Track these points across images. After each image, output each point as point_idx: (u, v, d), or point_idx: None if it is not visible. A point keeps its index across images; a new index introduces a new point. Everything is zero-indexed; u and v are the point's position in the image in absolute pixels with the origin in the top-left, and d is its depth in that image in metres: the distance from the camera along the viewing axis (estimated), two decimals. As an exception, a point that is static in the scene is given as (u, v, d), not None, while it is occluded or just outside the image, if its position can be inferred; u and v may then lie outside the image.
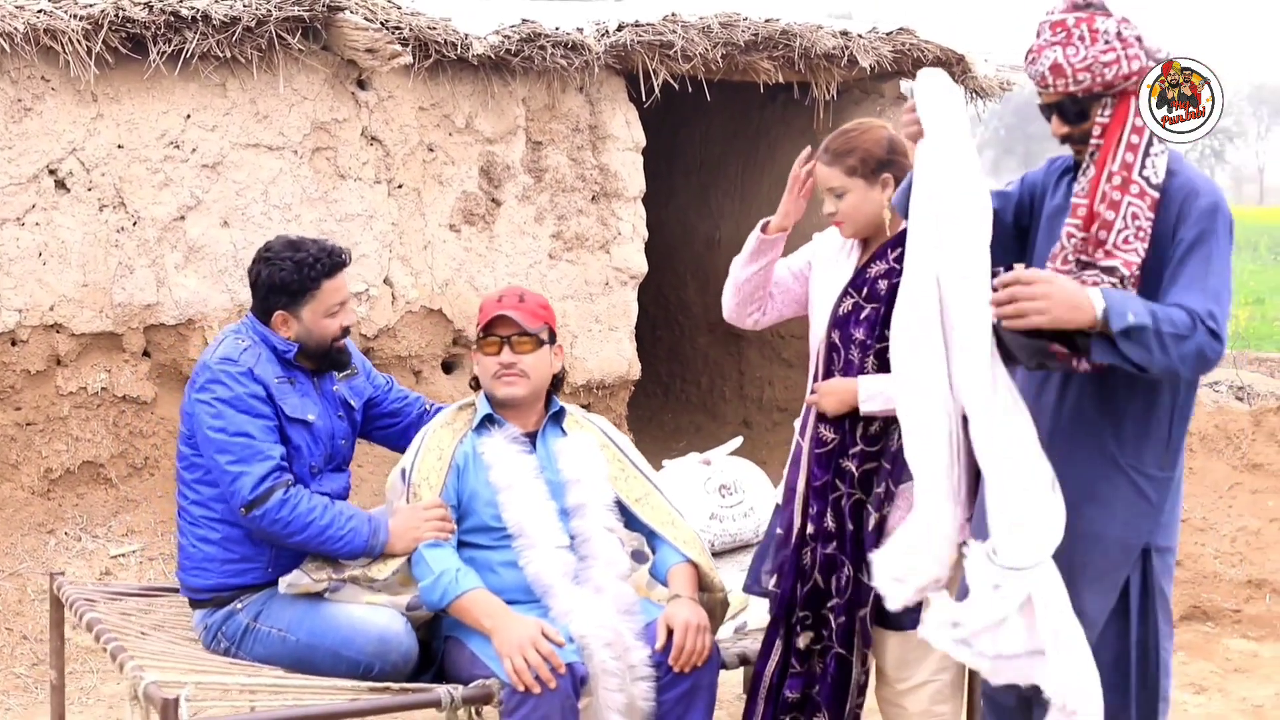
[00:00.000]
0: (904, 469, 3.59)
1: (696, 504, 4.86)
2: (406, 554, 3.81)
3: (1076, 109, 3.19)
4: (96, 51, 5.66)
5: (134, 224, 5.93)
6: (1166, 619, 3.29)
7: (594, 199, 7.08)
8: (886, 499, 3.62)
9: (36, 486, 5.86)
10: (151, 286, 5.96)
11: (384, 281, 6.49)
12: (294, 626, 3.81)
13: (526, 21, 6.64)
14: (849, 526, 3.67)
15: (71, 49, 5.61)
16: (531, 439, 3.95)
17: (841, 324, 3.70)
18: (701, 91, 7.16)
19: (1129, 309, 2.99)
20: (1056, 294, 3.02)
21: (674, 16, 6.98)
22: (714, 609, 3.93)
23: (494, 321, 3.90)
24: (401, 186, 6.53)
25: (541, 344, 3.92)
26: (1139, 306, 3.00)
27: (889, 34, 7.57)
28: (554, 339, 3.99)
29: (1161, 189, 3.13)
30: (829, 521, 3.69)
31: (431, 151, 6.61)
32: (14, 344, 5.74)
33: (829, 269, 3.83)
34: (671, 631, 3.65)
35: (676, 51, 6.88)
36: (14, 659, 5.35)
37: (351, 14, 6.12)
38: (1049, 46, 3.17)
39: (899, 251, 3.52)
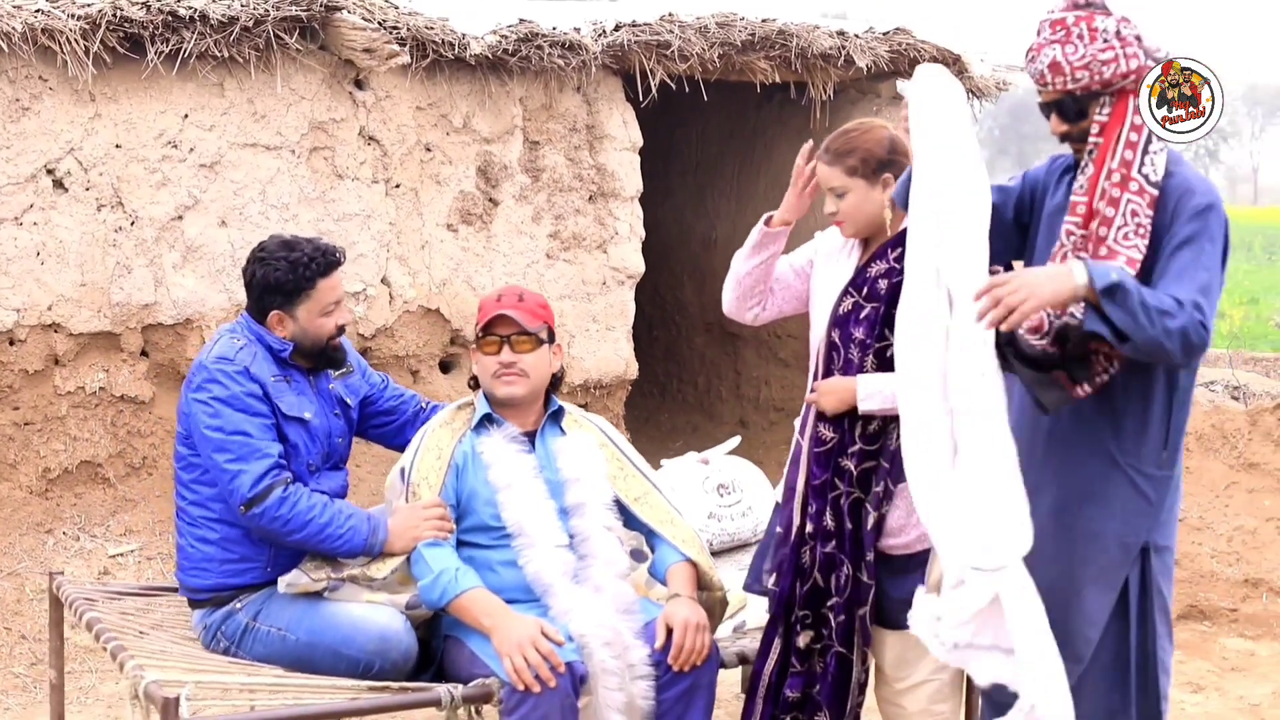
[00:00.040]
0: (903, 468, 3.60)
1: (695, 503, 4.87)
2: (405, 553, 3.81)
3: (1075, 107, 3.20)
4: (94, 51, 5.66)
5: (132, 224, 5.93)
6: (1165, 619, 3.29)
7: (591, 199, 7.08)
8: (885, 498, 3.63)
9: (35, 486, 5.86)
10: (149, 286, 5.96)
11: (381, 281, 6.49)
12: (293, 625, 3.81)
13: (524, 21, 6.64)
14: (848, 525, 3.67)
15: (69, 49, 5.61)
16: (530, 438, 3.95)
17: (841, 323, 3.70)
18: (698, 91, 7.16)
19: (1110, 269, 3.00)
20: (1033, 277, 3.04)
21: (671, 16, 6.99)
22: (713, 608, 3.93)
23: (493, 321, 3.90)
24: (399, 186, 6.53)
25: (541, 343, 3.92)
26: (1122, 273, 3.01)
27: (885, 34, 7.58)
28: (553, 338, 4.00)
29: (1160, 187, 3.14)
30: (828, 520, 3.70)
31: (429, 151, 6.61)
32: (12, 344, 5.74)
33: (830, 268, 3.83)
34: (671, 630, 3.65)
35: (673, 51, 6.89)
36: (13, 658, 5.34)
37: (349, 14, 6.12)
38: (1048, 45, 3.18)
39: (899, 251, 3.53)
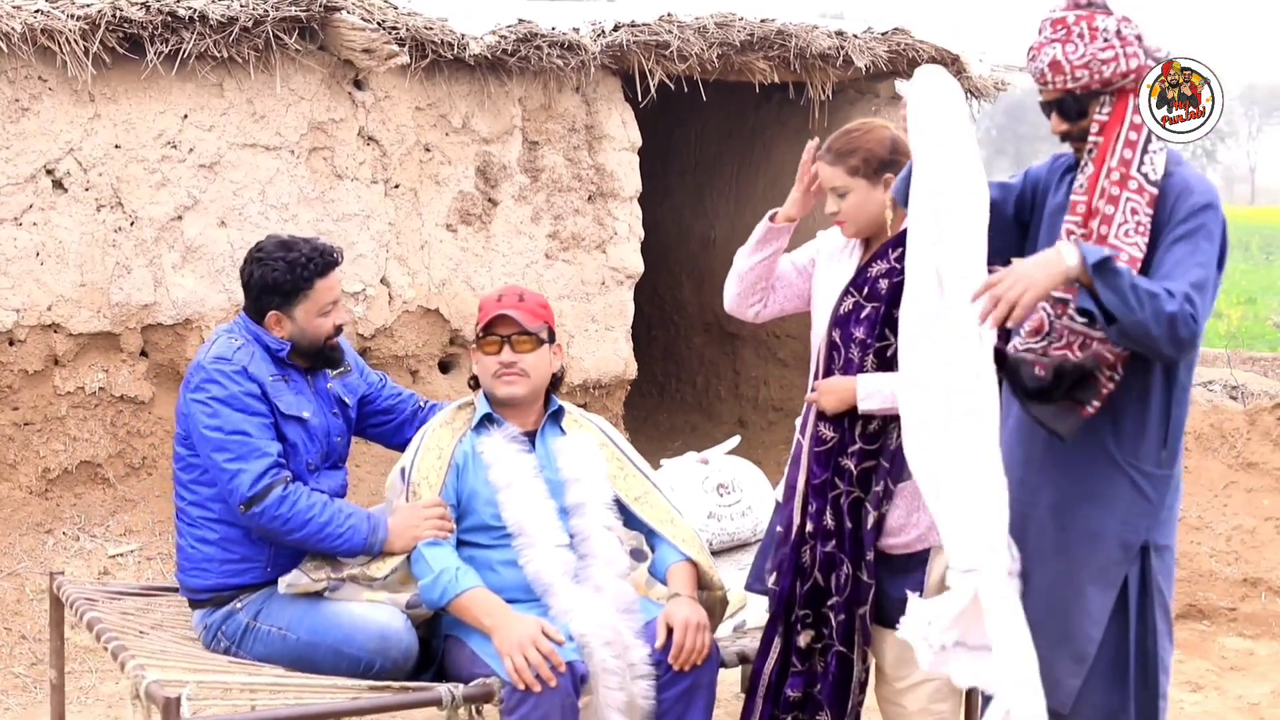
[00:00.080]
0: (902, 467, 3.61)
1: (694, 503, 4.87)
2: (405, 552, 3.81)
3: (1075, 106, 3.21)
4: (94, 52, 5.65)
5: (131, 224, 5.93)
6: (1165, 618, 3.29)
7: (590, 199, 7.08)
8: (885, 497, 3.63)
9: (34, 486, 5.86)
10: (149, 286, 5.96)
11: (381, 281, 6.49)
12: (294, 625, 3.81)
13: (523, 21, 6.65)
14: (848, 524, 3.68)
15: (69, 49, 5.61)
16: (531, 438, 3.96)
17: (842, 323, 3.71)
18: (697, 91, 7.16)
19: (1104, 250, 3.01)
20: (1026, 269, 3.04)
21: (670, 16, 6.99)
22: (713, 607, 3.93)
23: (494, 321, 3.91)
24: (398, 186, 6.53)
25: (541, 343, 3.93)
26: (1116, 257, 3.02)
27: (884, 34, 7.58)
28: (553, 338, 4.00)
29: (1159, 186, 3.14)
30: (828, 519, 3.70)
31: (428, 151, 6.61)
32: (11, 344, 5.73)
33: (831, 268, 3.83)
34: (671, 630, 3.65)
35: (672, 51, 6.89)
36: (13, 658, 5.34)
37: (348, 14, 6.12)
38: (1049, 43, 3.18)
39: (900, 251, 3.53)
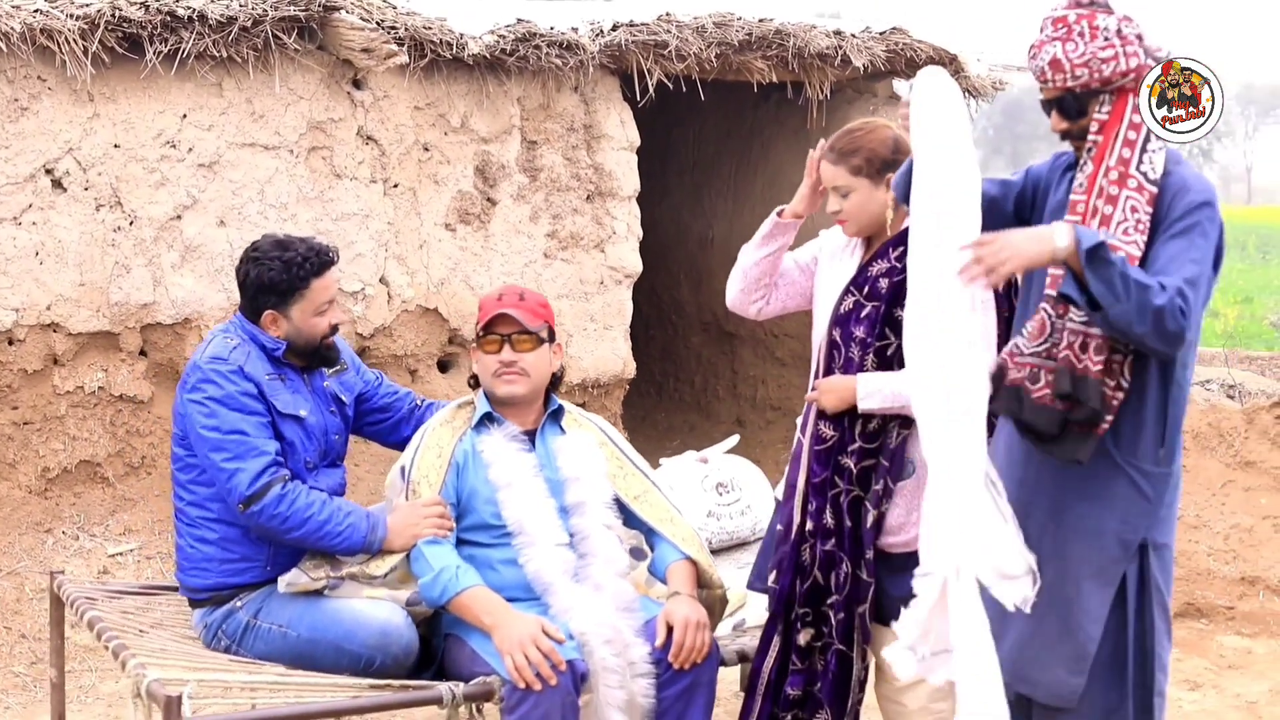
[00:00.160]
0: (902, 466, 3.63)
1: (694, 502, 4.88)
2: (405, 550, 3.82)
3: (1075, 105, 3.21)
4: (93, 51, 5.65)
5: (130, 223, 5.93)
6: (1164, 616, 3.29)
7: (589, 198, 7.08)
8: (885, 496, 3.64)
9: (34, 486, 5.86)
10: (148, 286, 5.96)
11: (380, 281, 6.49)
12: (294, 622, 3.81)
13: (521, 21, 6.65)
14: (847, 523, 3.68)
15: (68, 49, 5.61)
16: (530, 437, 3.96)
17: (842, 322, 3.71)
18: (695, 91, 7.16)
19: (1100, 235, 3.02)
20: (1015, 238, 3.06)
21: (668, 16, 6.99)
22: (713, 606, 3.94)
23: (494, 320, 3.91)
24: (397, 186, 6.54)
25: (541, 342, 3.93)
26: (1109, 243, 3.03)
27: (882, 34, 7.58)
28: (553, 337, 4.01)
29: (1159, 185, 3.15)
30: (828, 518, 3.71)
31: (427, 151, 6.62)
32: (11, 343, 5.73)
33: (833, 267, 3.84)
34: (671, 628, 3.66)
35: (671, 51, 6.89)
36: (13, 658, 5.34)
37: (347, 14, 6.13)
38: (1049, 42, 3.19)
39: (901, 250, 3.54)
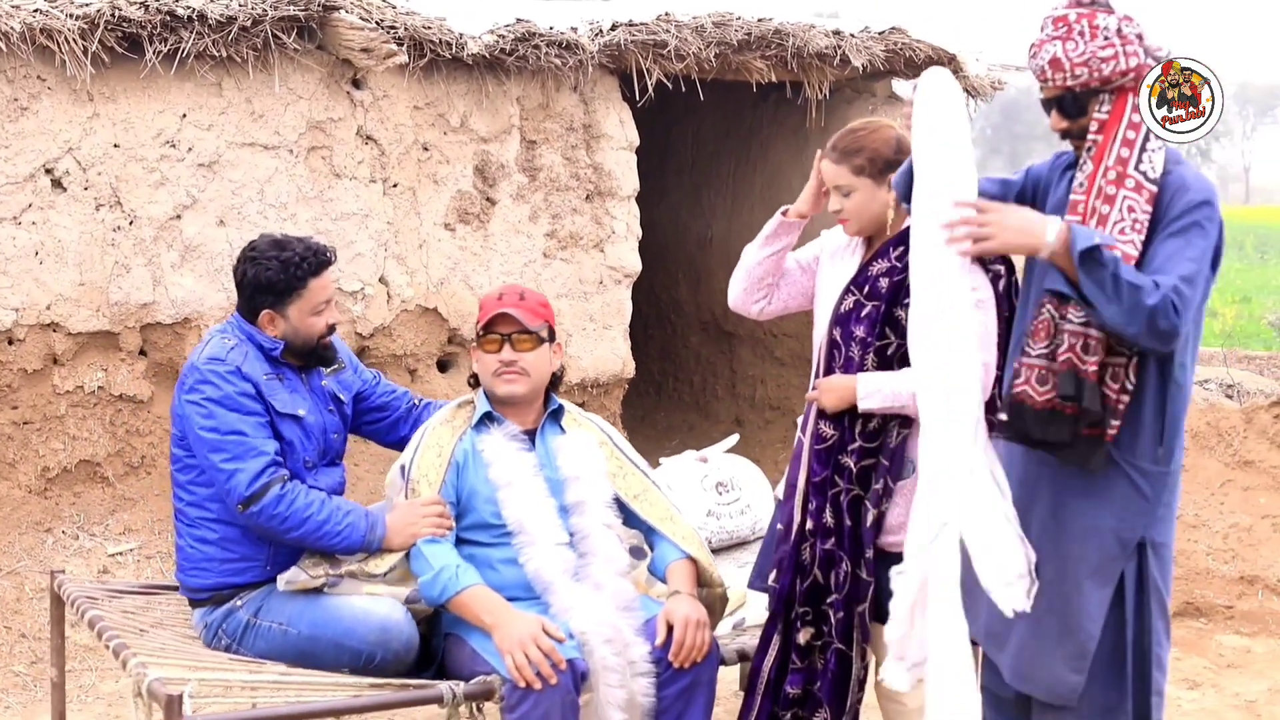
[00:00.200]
0: (902, 465, 3.63)
1: (693, 501, 4.88)
2: (404, 549, 3.82)
3: (1075, 104, 3.22)
4: (93, 51, 5.65)
5: (130, 223, 5.93)
6: (1162, 614, 3.29)
7: (588, 198, 7.09)
8: (884, 495, 3.65)
9: (34, 485, 5.86)
10: (148, 285, 5.96)
11: (379, 280, 6.49)
12: (295, 620, 3.82)
13: (521, 21, 6.65)
14: (847, 522, 3.69)
15: (68, 48, 5.61)
16: (530, 436, 3.97)
17: (843, 321, 3.72)
18: (694, 91, 7.16)
19: (1095, 235, 3.03)
20: (1008, 219, 3.08)
21: (667, 16, 6.99)
22: (713, 604, 3.95)
23: (495, 319, 3.92)
24: (396, 185, 6.54)
25: (541, 342, 3.94)
26: (1106, 241, 3.03)
27: (881, 33, 7.58)
28: (553, 337, 4.01)
29: (1158, 184, 3.15)
30: (828, 517, 3.71)
31: (426, 150, 6.62)
32: (11, 343, 5.73)
33: (834, 266, 3.85)
34: (671, 627, 3.66)
35: (670, 51, 6.89)
36: (13, 657, 5.34)
37: (347, 13, 6.13)
38: (1050, 41, 3.19)
39: (901, 250, 3.54)
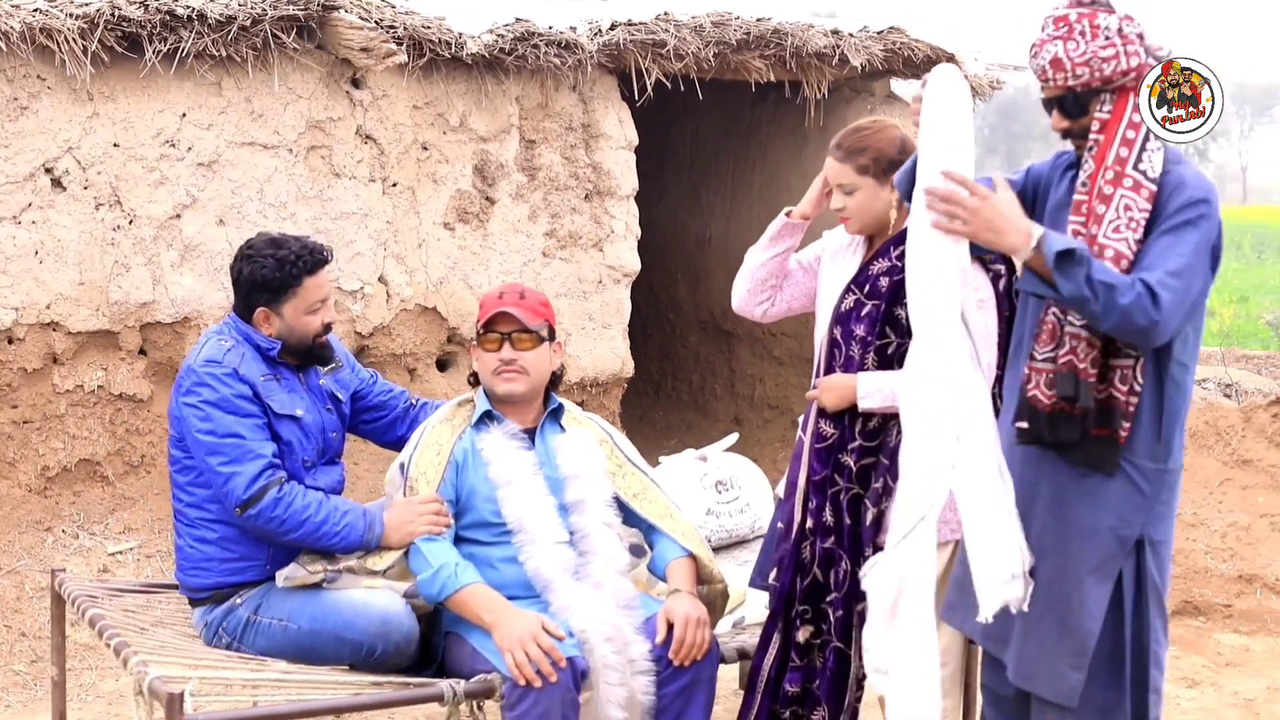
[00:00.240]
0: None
1: (693, 500, 4.88)
2: (402, 547, 3.83)
3: (1076, 104, 3.22)
4: (92, 50, 5.65)
5: (130, 222, 5.93)
6: (1160, 613, 3.29)
7: (587, 197, 7.09)
8: (884, 494, 3.65)
9: (34, 484, 5.86)
10: (148, 285, 5.96)
11: (379, 280, 6.49)
12: (295, 615, 3.82)
13: (520, 20, 6.65)
14: (847, 521, 3.70)
15: (67, 48, 5.61)
16: (530, 435, 3.97)
17: (843, 320, 3.73)
18: (693, 90, 7.17)
19: (1071, 242, 3.04)
20: (985, 212, 3.09)
21: (666, 15, 6.99)
22: (714, 601, 3.95)
23: (495, 318, 3.92)
24: (396, 185, 6.54)
25: (541, 341, 3.94)
26: (1082, 246, 3.04)
27: (880, 33, 7.59)
28: (553, 336, 4.01)
29: (1158, 183, 3.16)
30: (828, 516, 3.72)
31: (426, 150, 6.62)
32: (10, 342, 5.74)
33: (835, 266, 3.86)
34: (671, 625, 3.67)
35: (669, 50, 6.90)
36: (13, 656, 5.35)
37: (346, 13, 6.13)
38: (1050, 41, 3.20)
39: (902, 249, 3.54)
